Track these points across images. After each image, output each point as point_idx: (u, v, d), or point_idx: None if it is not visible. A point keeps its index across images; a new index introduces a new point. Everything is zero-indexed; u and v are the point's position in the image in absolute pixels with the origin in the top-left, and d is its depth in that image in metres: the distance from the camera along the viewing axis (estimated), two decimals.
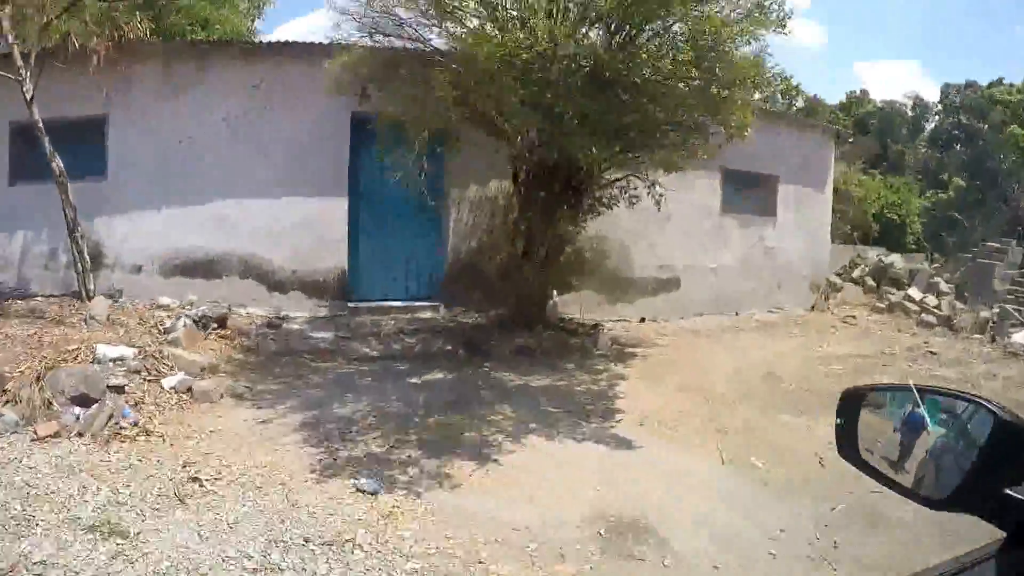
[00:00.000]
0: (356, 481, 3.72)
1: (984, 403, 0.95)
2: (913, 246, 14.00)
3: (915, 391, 1.06)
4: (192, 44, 7.20)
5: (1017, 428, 0.89)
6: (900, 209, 14.37)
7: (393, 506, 3.52)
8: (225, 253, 6.92)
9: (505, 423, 4.79)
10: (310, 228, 6.95)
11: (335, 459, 4.08)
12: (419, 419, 4.79)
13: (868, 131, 20.53)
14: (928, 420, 1.04)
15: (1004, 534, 0.89)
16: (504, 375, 5.92)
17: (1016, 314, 9.00)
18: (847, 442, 1.15)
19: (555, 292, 7.28)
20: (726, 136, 5.09)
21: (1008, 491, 0.88)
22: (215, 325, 6.42)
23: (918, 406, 1.05)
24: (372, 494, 3.62)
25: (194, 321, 6.28)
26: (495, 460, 4.15)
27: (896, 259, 10.80)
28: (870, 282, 10.45)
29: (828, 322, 9.42)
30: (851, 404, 1.17)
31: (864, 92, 24.06)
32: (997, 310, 9.10)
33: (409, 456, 4.16)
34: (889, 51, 50.28)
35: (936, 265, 11.23)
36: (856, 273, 10.74)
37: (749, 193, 9.37)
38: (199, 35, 10.76)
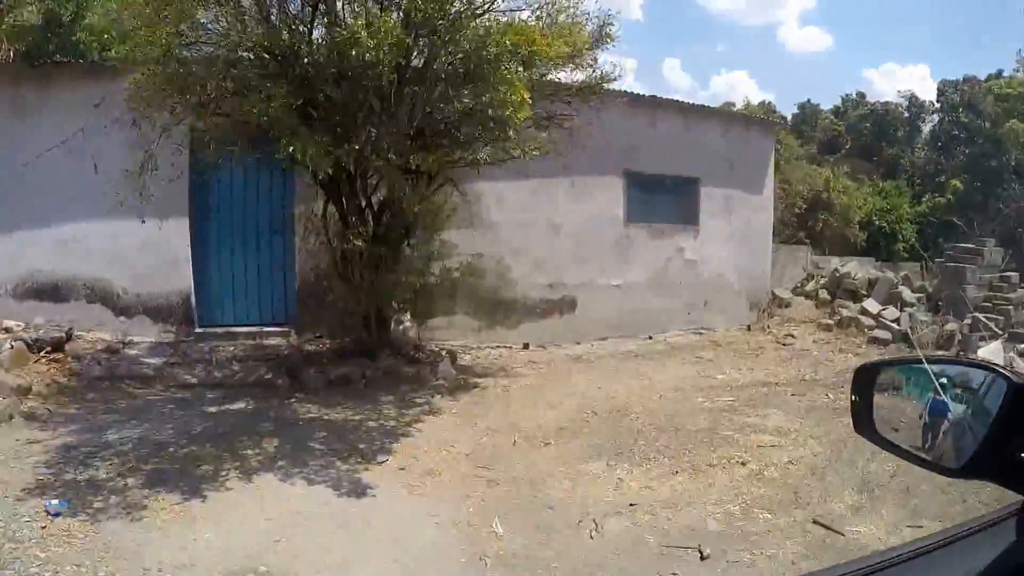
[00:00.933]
0: (48, 503, 4.30)
1: (998, 369, 1.10)
2: (906, 255, 13.54)
3: (926, 363, 1.21)
4: (38, 65, 8.11)
5: None
6: (890, 216, 13.98)
7: (62, 529, 4.08)
8: (71, 277, 7.79)
9: (255, 458, 5.27)
10: (152, 250, 7.73)
11: (55, 480, 4.72)
12: (174, 449, 5.38)
13: (863, 136, 20.38)
14: (950, 405, 1.16)
15: (1022, 499, 1.02)
16: (306, 407, 6.43)
17: (992, 325, 8.61)
18: (863, 419, 1.29)
19: (408, 316, 7.67)
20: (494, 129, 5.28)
21: None
22: (49, 348, 7.25)
23: (938, 393, 1.17)
24: (53, 516, 4.19)
25: (27, 344, 7.14)
26: (204, 496, 4.64)
27: (853, 267, 10.50)
28: (824, 295, 10.22)
29: (759, 343, 9.34)
30: (865, 381, 1.31)
31: (860, 95, 24.12)
32: (968, 321, 8.76)
33: (125, 484, 4.74)
34: (897, 56, 56.98)
35: (904, 273, 10.82)
36: (810, 286, 10.52)
37: (662, 199, 9.43)
38: (118, 51, 11.84)
